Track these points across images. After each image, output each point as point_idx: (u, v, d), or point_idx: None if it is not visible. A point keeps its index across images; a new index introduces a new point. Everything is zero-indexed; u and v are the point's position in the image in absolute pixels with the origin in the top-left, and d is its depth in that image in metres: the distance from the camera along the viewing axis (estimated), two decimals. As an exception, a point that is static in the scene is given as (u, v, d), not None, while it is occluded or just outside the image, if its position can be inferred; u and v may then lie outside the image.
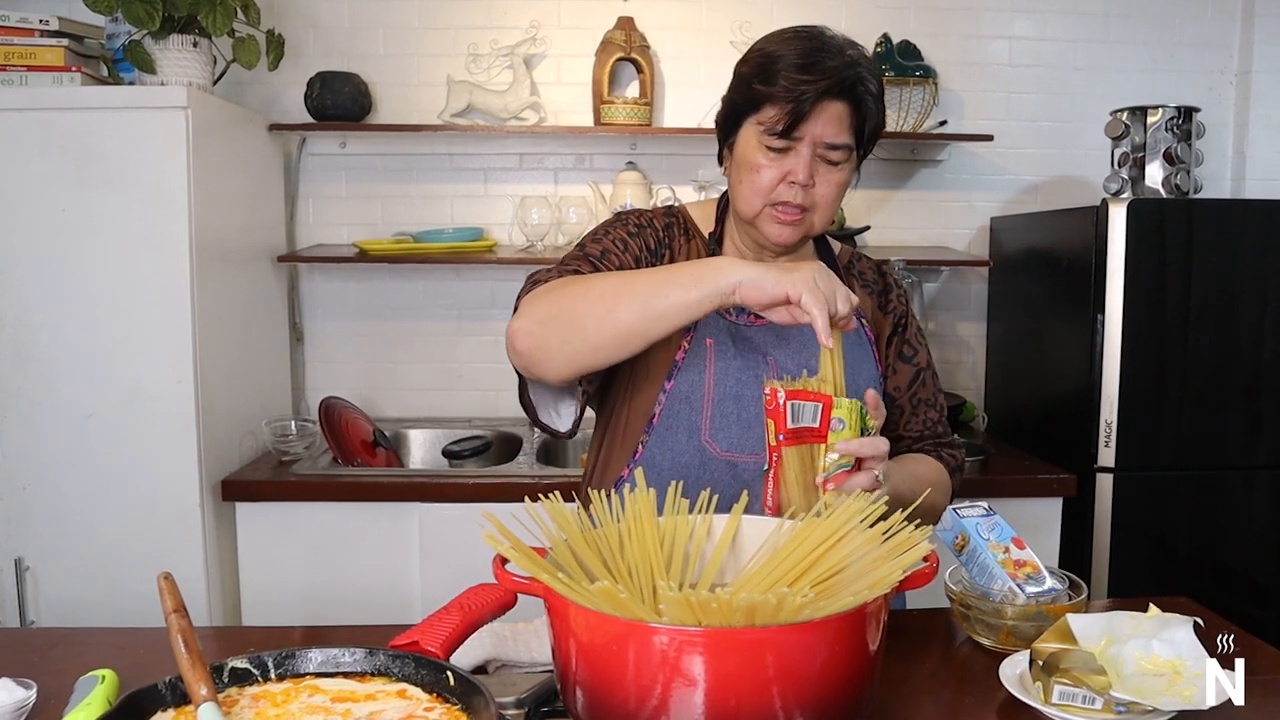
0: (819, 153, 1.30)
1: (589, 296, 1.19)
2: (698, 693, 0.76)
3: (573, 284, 1.23)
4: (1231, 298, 2.38)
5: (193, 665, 0.83)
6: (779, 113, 1.27)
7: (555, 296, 1.22)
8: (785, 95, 1.27)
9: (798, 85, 1.26)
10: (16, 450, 2.18)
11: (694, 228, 1.45)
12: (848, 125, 1.30)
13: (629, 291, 1.17)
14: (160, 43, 2.26)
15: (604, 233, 1.40)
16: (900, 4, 2.88)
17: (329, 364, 2.91)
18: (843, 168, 1.33)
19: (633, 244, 1.38)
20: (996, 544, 1.22)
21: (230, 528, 2.30)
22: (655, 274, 1.20)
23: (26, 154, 2.12)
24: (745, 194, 1.34)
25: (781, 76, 1.28)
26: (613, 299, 1.17)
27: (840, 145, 1.30)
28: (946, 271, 3.00)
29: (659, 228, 1.42)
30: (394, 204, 2.88)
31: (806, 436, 1.12)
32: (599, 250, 1.35)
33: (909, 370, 1.46)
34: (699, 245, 1.44)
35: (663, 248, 1.41)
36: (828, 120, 1.28)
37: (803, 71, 1.27)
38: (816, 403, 1.11)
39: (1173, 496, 2.41)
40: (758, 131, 1.30)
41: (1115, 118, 2.53)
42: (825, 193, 1.32)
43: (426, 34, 2.82)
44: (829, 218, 1.36)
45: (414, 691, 0.88)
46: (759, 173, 1.31)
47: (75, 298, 2.15)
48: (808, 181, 1.30)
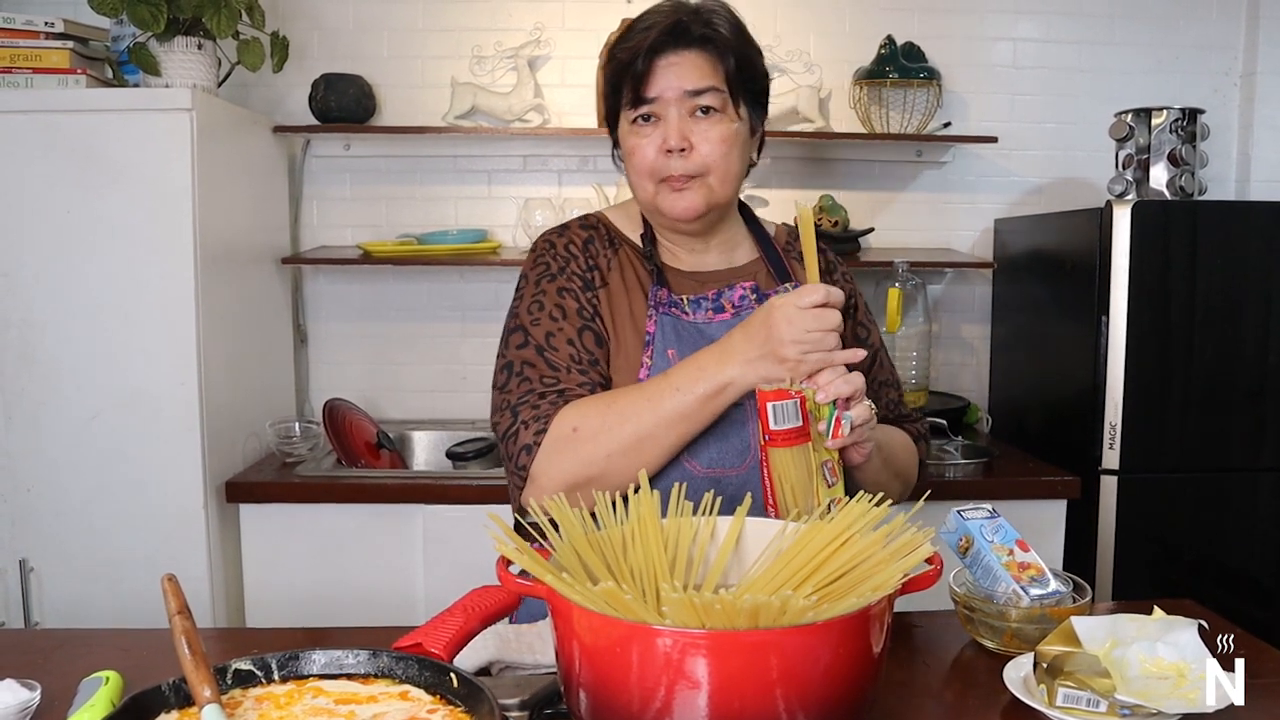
0: (686, 110, 1.26)
1: (611, 453, 1.18)
2: (701, 695, 0.76)
3: (582, 444, 1.19)
4: (1236, 300, 2.37)
5: (196, 667, 0.83)
6: (629, 83, 1.26)
7: (569, 463, 1.19)
8: (624, 66, 1.26)
9: (628, 51, 1.26)
10: (21, 451, 2.18)
11: (618, 235, 1.39)
12: (710, 71, 1.26)
13: (649, 437, 1.18)
14: (165, 45, 2.26)
15: (537, 303, 1.32)
16: (904, 6, 2.88)
17: (333, 365, 2.91)
18: (721, 118, 1.27)
19: (567, 301, 1.31)
20: (1000, 546, 1.22)
21: (234, 529, 2.30)
22: (662, 403, 1.19)
23: (31, 156, 2.12)
24: (634, 180, 1.32)
25: (617, 52, 1.29)
26: (635, 450, 1.18)
27: (703, 89, 1.25)
28: (950, 273, 2.99)
29: (578, 251, 1.35)
30: (398, 206, 2.88)
31: (795, 437, 1.12)
32: (543, 335, 1.29)
33: (865, 352, 1.44)
34: (628, 253, 1.38)
35: (590, 272, 1.34)
36: (680, 71, 1.25)
37: (627, 39, 1.28)
38: (795, 400, 1.12)
39: (1177, 499, 2.40)
40: (626, 117, 1.29)
41: (1120, 119, 2.53)
42: (710, 150, 1.26)
43: (431, 36, 2.82)
44: (729, 178, 1.30)
45: (417, 693, 0.88)
46: (637, 153, 1.28)
47: (80, 299, 2.15)
48: (681, 143, 1.25)
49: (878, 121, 2.80)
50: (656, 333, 1.30)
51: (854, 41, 2.85)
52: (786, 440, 1.12)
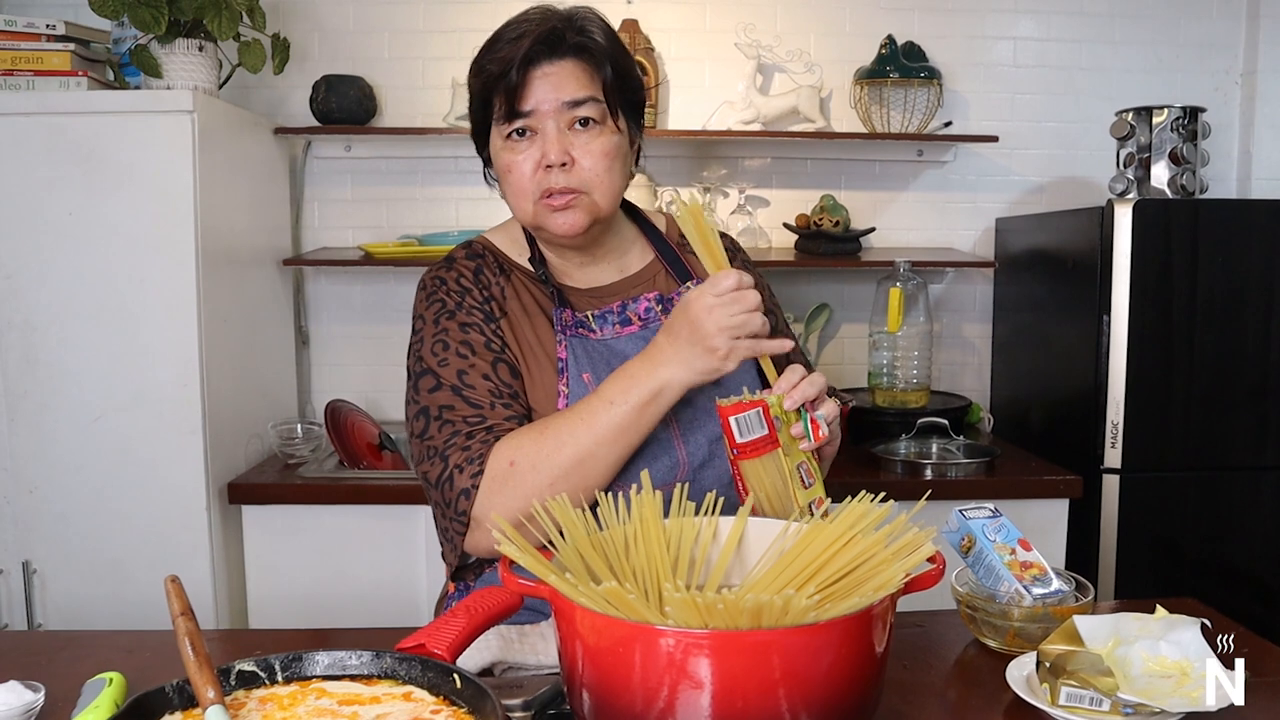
0: (564, 122, 1.20)
1: (554, 480, 1.13)
2: (704, 695, 0.76)
3: (522, 477, 1.14)
4: (1238, 298, 2.37)
5: (200, 668, 0.84)
6: (500, 98, 1.20)
7: (511, 499, 1.14)
8: (493, 78, 1.19)
9: (498, 63, 1.18)
10: (24, 453, 2.18)
11: (505, 260, 1.33)
12: (588, 81, 1.20)
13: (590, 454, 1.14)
14: (166, 47, 2.27)
15: (439, 343, 1.25)
16: (905, 5, 2.88)
17: (334, 367, 2.91)
18: (601, 130, 1.21)
19: (473, 336, 1.25)
20: (1003, 545, 1.22)
21: (236, 531, 2.31)
22: (597, 420, 1.14)
23: (33, 158, 2.13)
24: (513, 200, 1.25)
25: (485, 62, 1.21)
26: (578, 473, 1.14)
27: (582, 100, 1.19)
28: (952, 272, 2.99)
29: (470, 284, 1.28)
30: (399, 207, 2.88)
31: (762, 445, 1.12)
32: (454, 374, 1.22)
33: (792, 343, 1.39)
34: (520, 278, 1.32)
35: (488, 304, 1.28)
36: (555, 82, 1.19)
37: (495, 48, 1.20)
38: (756, 409, 1.12)
39: (1179, 498, 2.40)
40: (499, 132, 1.22)
41: (1120, 118, 2.53)
42: (592, 165, 1.21)
43: (432, 37, 2.83)
44: (612, 192, 1.25)
45: (420, 694, 0.88)
46: (512, 171, 1.22)
47: (82, 301, 2.15)
48: (562, 158, 1.19)
49: (879, 121, 2.80)
50: (568, 358, 1.26)
51: (855, 41, 2.85)
52: (755, 450, 1.11)
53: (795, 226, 2.79)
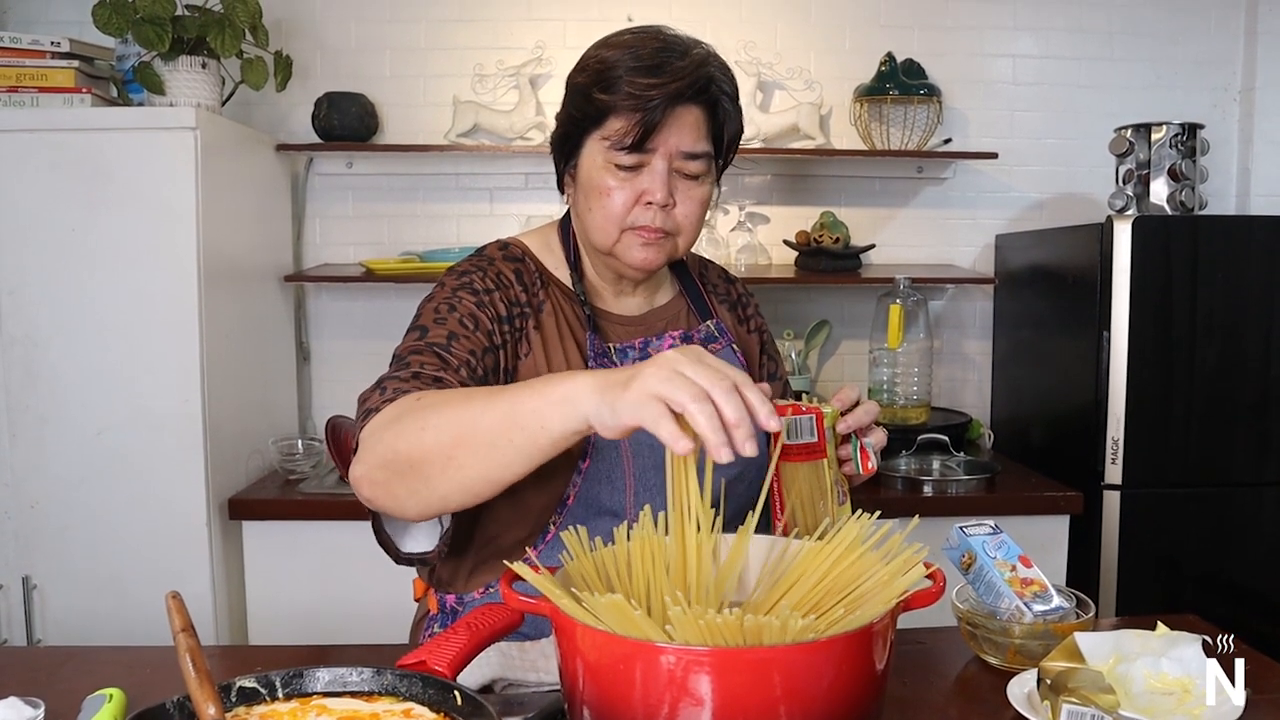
0: (675, 166, 1.17)
1: (425, 440, 0.95)
2: (705, 712, 0.76)
3: (407, 419, 0.98)
4: (1237, 314, 2.38)
5: (200, 684, 0.83)
6: (626, 124, 1.13)
7: (390, 438, 0.98)
8: (632, 103, 1.13)
9: (645, 90, 1.12)
10: (25, 468, 2.18)
11: (544, 270, 1.28)
12: (705, 132, 1.17)
13: (470, 433, 0.93)
14: (169, 64, 2.28)
15: (448, 305, 1.19)
16: (904, 23, 2.89)
17: (335, 383, 2.91)
18: (704, 181, 1.20)
19: (483, 317, 1.19)
20: (1003, 562, 1.21)
21: (237, 546, 2.31)
22: (497, 406, 0.92)
23: (37, 174, 2.14)
24: (598, 222, 1.20)
25: (625, 83, 1.14)
26: (451, 443, 0.94)
27: (699, 154, 1.17)
28: (951, 289, 3.00)
29: (510, 282, 1.24)
30: (400, 224, 2.89)
31: (806, 453, 1.12)
32: (444, 335, 1.14)
33: (777, 387, 1.41)
34: (557, 292, 1.27)
35: (521, 307, 1.22)
36: (682, 128, 1.15)
37: (649, 75, 1.13)
38: (810, 416, 1.12)
39: (1180, 514, 2.40)
40: (603, 149, 1.17)
41: (1119, 135, 2.54)
42: (688, 212, 1.19)
43: (433, 55, 2.84)
44: (693, 241, 1.24)
45: (420, 710, 0.88)
46: (609, 196, 1.17)
47: (84, 316, 2.16)
48: (666, 201, 1.17)
49: (878, 138, 2.81)
50: None
51: (854, 58, 2.87)
52: (800, 455, 1.11)
53: (795, 243, 2.80)
